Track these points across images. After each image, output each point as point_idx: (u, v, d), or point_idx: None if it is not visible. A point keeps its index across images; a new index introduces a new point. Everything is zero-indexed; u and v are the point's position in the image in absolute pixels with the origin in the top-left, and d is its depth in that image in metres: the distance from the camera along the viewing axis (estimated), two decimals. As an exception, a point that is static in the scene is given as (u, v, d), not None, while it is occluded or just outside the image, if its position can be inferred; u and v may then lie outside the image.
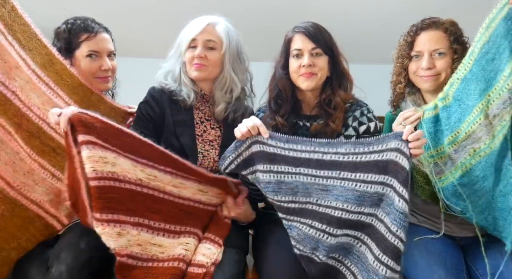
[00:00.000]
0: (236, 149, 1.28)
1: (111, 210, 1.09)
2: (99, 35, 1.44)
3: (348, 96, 1.46)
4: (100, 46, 1.44)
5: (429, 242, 1.32)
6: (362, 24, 2.94)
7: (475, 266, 1.30)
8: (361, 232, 1.22)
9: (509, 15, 1.14)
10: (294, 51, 1.43)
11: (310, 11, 2.81)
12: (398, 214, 1.12)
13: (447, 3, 2.69)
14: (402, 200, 1.11)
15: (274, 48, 1.52)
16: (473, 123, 1.21)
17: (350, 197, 1.21)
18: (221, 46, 1.44)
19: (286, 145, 1.26)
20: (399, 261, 1.12)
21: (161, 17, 1.40)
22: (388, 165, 1.16)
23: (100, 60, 1.44)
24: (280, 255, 1.28)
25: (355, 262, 1.22)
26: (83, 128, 1.06)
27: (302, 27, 1.43)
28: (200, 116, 1.49)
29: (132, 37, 2.86)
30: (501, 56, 1.17)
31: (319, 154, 1.25)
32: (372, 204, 1.19)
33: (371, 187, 1.19)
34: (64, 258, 1.15)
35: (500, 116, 1.18)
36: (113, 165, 1.12)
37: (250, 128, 1.24)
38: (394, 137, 1.16)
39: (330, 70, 1.45)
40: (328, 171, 1.24)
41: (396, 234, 1.11)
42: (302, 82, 1.41)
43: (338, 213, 1.22)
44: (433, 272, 1.20)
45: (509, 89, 1.16)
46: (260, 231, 1.47)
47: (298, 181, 1.25)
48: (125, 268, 1.11)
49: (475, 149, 1.22)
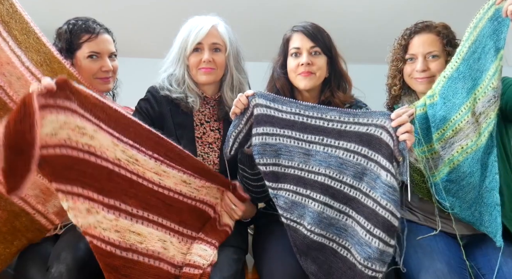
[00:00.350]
0: (235, 127, 1.29)
1: (82, 184, 1.02)
2: (100, 36, 1.44)
3: (346, 97, 1.46)
4: (101, 47, 1.44)
5: (432, 240, 1.33)
6: (362, 24, 2.95)
7: (477, 264, 1.31)
8: (345, 206, 1.23)
9: (495, 15, 1.17)
10: (293, 50, 1.42)
11: (310, 11, 2.81)
12: (387, 188, 1.13)
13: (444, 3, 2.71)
14: (389, 174, 1.13)
15: (273, 48, 1.52)
16: (461, 120, 1.25)
17: (332, 163, 1.22)
18: (225, 47, 1.45)
19: (272, 104, 1.26)
20: (392, 234, 1.14)
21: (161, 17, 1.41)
22: (372, 140, 1.19)
23: (100, 61, 1.44)
24: (280, 255, 1.28)
25: (345, 236, 1.23)
26: (65, 93, 1.00)
27: (301, 26, 1.44)
28: (200, 118, 1.48)
29: (132, 37, 2.86)
30: (486, 56, 1.20)
31: (304, 117, 1.26)
32: (355, 175, 1.21)
33: (354, 157, 1.21)
34: (64, 258, 1.14)
35: (486, 114, 1.22)
36: (91, 138, 1.05)
37: (241, 99, 1.27)
38: (381, 114, 1.19)
39: (329, 71, 1.45)
40: (312, 136, 1.25)
41: (386, 208, 1.13)
42: (300, 81, 1.41)
43: (321, 178, 1.24)
44: (436, 270, 1.21)
45: (493, 87, 1.19)
46: (260, 231, 1.48)
47: (281, 143, 1.26)
48: (104, 255, 1.04)
49: (462, 146, 1.25)
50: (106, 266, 1.03)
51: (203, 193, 1.33)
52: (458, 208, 1.31)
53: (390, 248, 1.14)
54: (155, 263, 1.13)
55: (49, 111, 0.96)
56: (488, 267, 1.27)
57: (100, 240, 1.03)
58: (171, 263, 1.17)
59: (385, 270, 1.16)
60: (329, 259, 1.24)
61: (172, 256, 1.18)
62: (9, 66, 1.21)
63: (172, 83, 1.45)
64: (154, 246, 1.14)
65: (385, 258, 1.15)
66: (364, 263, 1.16)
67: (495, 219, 1.25)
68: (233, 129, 1.29)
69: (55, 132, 0.97)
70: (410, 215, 1.46)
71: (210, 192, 1.34)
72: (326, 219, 1.23)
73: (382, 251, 1.14)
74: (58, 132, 0.98)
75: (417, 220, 1.44)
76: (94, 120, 1.07)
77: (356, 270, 1.18)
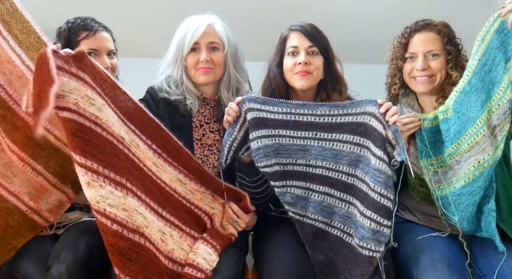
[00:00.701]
0: (229, 136, 1.30)
1: (85, 154, 0.97)
2: (98, 34, 1.44)
3: (342, 99, 1.45)
4: (99, 44, 1.44)
5: (432, 240, 1.33)
6: (361, 24, 2.95)
7: (478, 265, 1.30)
8: (345, 194, 1.30)
9: (501, 27, 1.17)
10: (290, 49, 1.42)
11: (309, 12, 2.81)
12: (373, 171, 1.21)
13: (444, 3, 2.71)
14: (376, 158, 1.20)
15: (272, 48, 1.51)
16: (477, 134, 1.22)
17: (328, 155, 1.30)
18: (223, 46, 1.43)
19: (263, 106, 1.30)
20: (384, 214, 1.19)
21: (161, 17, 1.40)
22: (362, 127, 1.26)
23: (99, 59, 1.42)
24: (280, 255, 1.27)
25: (348, 223, 1.30)
26: (80, 64, 1.02)
27: (299, 25, 1.43)
28: (200, 120, 1.47)
29: (132, 37, 2.86)
30: (497, 68, 1.20)
31: (296, 115, 1.31)
32: (350, 163, 1.28)
33: (347, 147, 1.28)
34: (64, 258, 1.14)
35: (501, 127, 1.21)
36: (99, 110, 1.02)
37: (231, 107, 1.28)
38: (368, 102, 1.26)
39: (325, 72, 1.45)
40: (305, 132, 1.30)
41: (375, 190, 1.20)
42: (297, 81, 1.40)
43: (319, 170, 1.32)
44: (436, 270, 1.20)
45: (509, 99, 1.19)
46: (260, 231, 1.48)
47: (278, 143, 1.30)
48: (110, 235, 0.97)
49: (479, 160, 1.23)
50: (111, 247, 0.97)
51: (198, 197, 1.31)
52: (466, 222, 1.29)
53: (385, 228, 1.20)
54: (156, 253, 1.08)
55: (62, 74, 0.97)
56: (488, 268, 1.27)
57: (105, 217, 0.97)
58: (169, 257, 1.12)
59: (382, 250, 1.21)
60: (335, 246, 1.31)
61: (170, 250, 1.14)
62: (9, 65, 1.21)
63: (171, 85, 1.44)
64: (155, 235, 1.09)
65: (379, 237, 1.21)
66: (359, 243, 1.24)
67: (489, 225, 1.26)
68: (227, 138, 1.30)
69: (63, 94, 0.96)
70: (410, 215, 1.46)
71: (204, 199, 1.33)
72: (328, 207, 1.32)
73: (375, 231, 1.20)
74: (66, 95, 0.97)
75: (417, 220, 1.44)
76: (103, 96, 1.07)
77: (356, 252, 1.25)
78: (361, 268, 1.23)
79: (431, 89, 1.41)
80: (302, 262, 1.27)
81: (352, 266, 1.26)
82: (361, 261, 1.24)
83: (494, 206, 1.25)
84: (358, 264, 1.24)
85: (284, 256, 1.27)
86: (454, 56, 1.39)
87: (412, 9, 2.57)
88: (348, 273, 1.26)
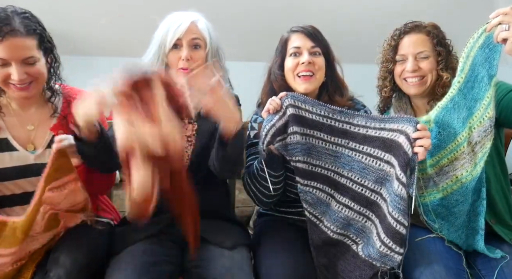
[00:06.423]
0: (268, 122, 1.28)
1: None
2: (6, 41, 1.16)
3: (344, 101, 1.45)
4: (8, 54, 1.18)
5: (430, 242, 1.33)
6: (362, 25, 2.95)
7: (478, 266, 1.30)
8: (365, 209, 1.27)
9: (486, 43, 1.16)
10: (292, 49, 1.41)
11: (310, 12, 2.81)
12: (394, 196, 1.16)
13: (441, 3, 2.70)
14: (399, 183, 1.15)
15: (271, 48, 1.51)
16: (457, 150, 1.24)
17: (355, 167, 1.27)
18: (205, 44, 1.40)
19: (303, 105, 1.29)
20: (398, 241, 1.16)
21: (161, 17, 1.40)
22: (393, 146, 1.19)
23: (7, 68, 1.20)
24: (278, 255, 1.28)
25: (362, 236, 1.28)
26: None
27: (300, 27, 1.43)
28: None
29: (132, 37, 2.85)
30: (480, 84, 1.20)
31: (332, 120, 1.29)
32: (376, 180, 1.24)
33: (377, 163, 1.23)
34: (63, 262, 1.14)
35: (482, 144, 1.21)
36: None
37: (275, 100, 1.28)
38: (408, 120, 1.17)
39: (326, 74, 1.44)
40: (338, 139, 1.29)
41: (392, 215, 1.17)
42: (300, 85, 1.40)
43: (344, 180, 1.30)
44: (434, 272, 1.20)
45: (489, 117, 1.19)
46: (259, 231, 1.48)
47: (310, 143, 1.30)
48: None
49: (457, 176, 1.24)
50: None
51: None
52: (446, 231, 1.32)
53: (396, 254, 1.17)
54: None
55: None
56: (488, 268, 1.26)
57: None
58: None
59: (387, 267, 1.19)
60: (340, 251, 1.30)
61: None
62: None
63: None
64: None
65: (386, 261, 1.19)
66: (365, 258, 1.24)
67: (477, 243, 1.27)
68: (266, 123, 1.28)
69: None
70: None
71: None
72: (344, 219, 1.29)
73: (384, 255, 1.18)
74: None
75: (416, 222, 1.42)
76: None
77: (359, 257, 1.25)
78: (361, 270, 1.23)
79: (423, 91, 1.41)
80: (301, 261, 1.27)
81: (352, 268, 1.25)
82: (363, 265, 1.23)
83: (483, 225, 1.26)
84: (359, 267, 1.24)
85: (282, 256, 1.27)
86: (444, 57, 1.39)
87: (412, 9, 2.57)
88: (347, 275, 1.25)
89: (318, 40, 1.41)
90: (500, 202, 1.33)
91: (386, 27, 1.51)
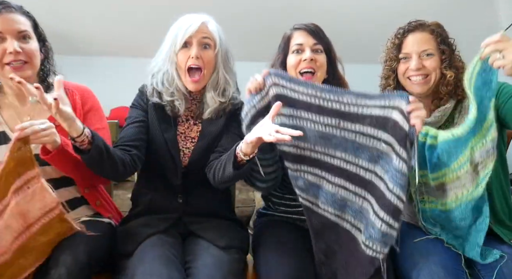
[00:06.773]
0: (248, 103, 1.26)
1: None
2: (1, 15, 1.24)
3: None
4: (3, 26, 1.24)
5: (429, 242, 1.32)
6: (362, 25, 2.95)
7: (477, 266, 1.29)
8: (361, 188, 1.23)
9: (482, 68, 1.16)
10: (295, 46, 1.42)
11: (310, 12, 2.81)
12: (394, 172, 1.12)
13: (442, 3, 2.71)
14: (399, 159, 1.11)
15: (272, 48, 1.51)
16: (459, 170, 1.21)
17: (349, 147, 1.21)
18: (215, 44, 1.41)
19: (288, 84, 1.25)
20: (397, 217, 1.13)
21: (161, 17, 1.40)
22: (388, 123, 1.14)
23: (3, 43, 1.25)
24: (279, 256, 1.28)
25: (360, 218, 1.24)
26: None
27: (303, 24, 1.44)
28: (186, 114, 1.47)
29: (132, 37, 2.86)
30: (480, 107, 1.17)
31: (320, 99, 1.22)
32: (370, 159, 1.19)
33: (370, 141, 1.18)
34: (64, 261, 1.13)
35: (484, 164, 1.20)
36: None
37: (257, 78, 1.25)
38: (399, 95, 1.13)
39: (328, 72, 1.44)
40: (328, 119, 1.21)
41: (392, 191, 1.13)
42: None
43: (337, 161, 1.24)
44: (433, 273, 1.19)
45: (491, 139, 1.17)
46: (259, 231, 1.48)
47: (297, 125, 1.24)
48: None
49: (457, 195, 1.23)
50: None
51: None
52: (445, 236, 1.32)
53: (394, 231, 1.15)
54: None
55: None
56: (488, 269, 1.26)
57: None
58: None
59: (386, 252, 1.17)
60: (341, 239, 1.28)
61: None
62: None
63: (164, 81, 1.42)
64: None
65: (387, 240, 1.16)
66: (365, 242, 1.19)
67: (475, 254, 1.26)
68: (246, 105, 1.26)
69: None
70: (409, 217, 1.45)
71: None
72: (341, 201, 1.26)
73: (385, 233, 1.15)
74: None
75: (415, 222, 1.42)
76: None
77: (360, 249, 1.22)
78: (363, 267, 1.21)
79: (427, 89, 1.40)
80: (301, 262, 1.27)
81: (354, 264, 1.24)
82: (364, 260, 1.21)
83: (482, 241, 1.25)
84: (360, 263, 1.22)
85: (284, 256, 1.27)
86: (448, 55, 1.39)
87: (412, 9, 2.57)
88: (350, 271, 1.24)
89: (320, 37, 1.42)
90: (499, 202, 1.33)
91: (386, 27, 1.51)
